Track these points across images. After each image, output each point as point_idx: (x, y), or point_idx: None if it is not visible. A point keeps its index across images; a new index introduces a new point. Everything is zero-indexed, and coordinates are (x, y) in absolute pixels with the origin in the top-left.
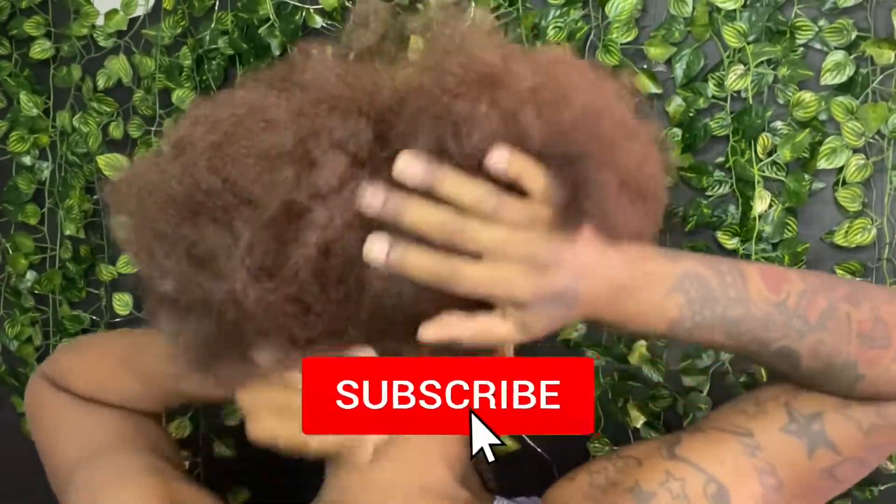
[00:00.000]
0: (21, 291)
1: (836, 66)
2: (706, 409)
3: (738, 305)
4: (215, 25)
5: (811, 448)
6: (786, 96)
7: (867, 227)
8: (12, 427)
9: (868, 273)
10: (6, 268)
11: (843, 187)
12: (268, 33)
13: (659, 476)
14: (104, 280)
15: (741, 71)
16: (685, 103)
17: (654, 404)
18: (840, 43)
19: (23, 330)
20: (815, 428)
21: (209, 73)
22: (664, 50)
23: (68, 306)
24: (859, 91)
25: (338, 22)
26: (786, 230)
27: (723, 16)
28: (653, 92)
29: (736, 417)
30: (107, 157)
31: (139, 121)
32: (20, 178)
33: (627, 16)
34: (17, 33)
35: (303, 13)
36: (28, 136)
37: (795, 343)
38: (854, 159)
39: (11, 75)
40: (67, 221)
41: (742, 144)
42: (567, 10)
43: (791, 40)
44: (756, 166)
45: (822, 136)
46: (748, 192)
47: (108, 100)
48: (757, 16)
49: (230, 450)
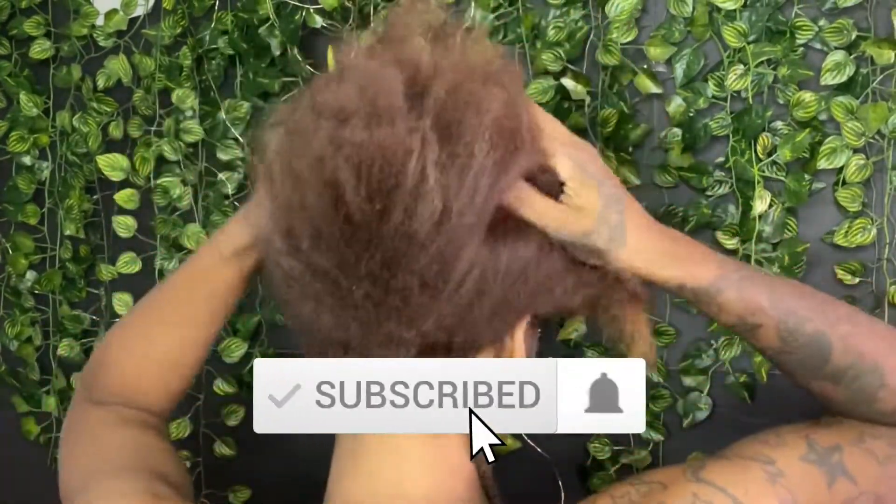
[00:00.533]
0: (21, 291)
1: (836, 66)
2: (706, 409)
3: (775, 278)
4: (215, 25)
5: (831, 479)
6: (786, 96)
7: (867, 227)
8: (12, 427)
9: (868, 273)
10: (6, 268)
11: (843, 187)
12: (268, 33)
13: (686, 498)
14: (104, 280)
15: (741, 71)
16: (685, 103)
17: (654, 404)
18: (840, 43)
19: (23, 330)
20: (834, 459)
21: (209, 73)
22: (664, 50)
23: (68, 306)
24: (859, 91)
25: (338, 22)
26: (786, 230)
27: (723, 16)
28: (653, 92)
29: (759, 447)
30: (107, 157)
31: (139, 121)
32: (20, 178)
33: (627, 16)
34: (17, 33)
35: (303, 13)
36: (28, 136)
37: (829, 329)
38: (854, 159)
39: (11, 75)
40: (67, 221)
41: (742, 144)
42: (567, 10)
43: (791, 40)
44: (756, 166)
45: (822, 136)
46: (748, 192)
47: (108, 100)
48: (757, 16)
49: (230, 450)
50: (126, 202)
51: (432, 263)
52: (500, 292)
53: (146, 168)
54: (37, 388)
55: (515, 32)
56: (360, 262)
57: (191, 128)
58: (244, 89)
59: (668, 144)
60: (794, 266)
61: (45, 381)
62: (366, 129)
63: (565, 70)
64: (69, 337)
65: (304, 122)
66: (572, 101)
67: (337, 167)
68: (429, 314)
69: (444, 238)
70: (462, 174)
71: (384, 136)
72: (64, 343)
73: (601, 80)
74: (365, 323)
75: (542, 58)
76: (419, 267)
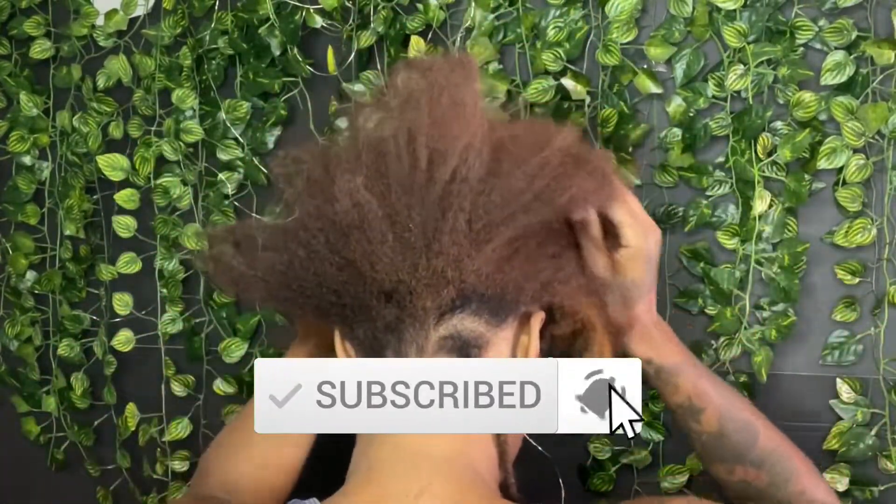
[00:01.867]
0: (21, 291)
1: (836, 66)
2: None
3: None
4: (215, 25)
5: None
6: (786, 96)
7: (867, 227)
8: (12, 427)
9: (868, 273)
10: (6, 268)
11: (843, 187)
12: (268, 33)
13: None
14: (104, 280)
15: (741, 71)
16: (685, 103)
17: (655, 404)
18: (840, 43)
19: (23, 330)
20: None
21: (209, 73)
22: (664, 50)
23: (68, 306)
24: (859, 91)
25: (338, 22)
26: (786, 230)
27: (723, 16)
28: (653, 92)
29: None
30: (107, 157)
31: (139, 121)
32: (20, 178)
33: (627, 16)
34: (17, 33)
35: (303, 13)
36: (28, 136)
37: (756, 418)
38: (854, 159)
39: (11, 75)
40: (67, 221)
41: (742, 144)
42: (567, 10)
43: (791, 40)
44: (756, 166)
45: (822, 136)
46: (748, 192)
47: (108, 100)
48: (757, 16)
49: None
50: (126, 202)
51: (478, 210)
52: (532, 260)
53: (146, 168)
54: (37, 388)
55: (515, 32)
56: (418, 203)
57: (191, 128)
58: (244, 89)
59: (668, 144)
60: (794, 266)
61: (45, 381)
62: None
63: (565, 70)
64: (69, 337)
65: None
66: (572, 101)
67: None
68: (472, 258)
69: (491, 190)
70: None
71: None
72: (64, 343)
73: (601, 80)
74: (418, 260)
75: (542, 58)
76: (465, 213)
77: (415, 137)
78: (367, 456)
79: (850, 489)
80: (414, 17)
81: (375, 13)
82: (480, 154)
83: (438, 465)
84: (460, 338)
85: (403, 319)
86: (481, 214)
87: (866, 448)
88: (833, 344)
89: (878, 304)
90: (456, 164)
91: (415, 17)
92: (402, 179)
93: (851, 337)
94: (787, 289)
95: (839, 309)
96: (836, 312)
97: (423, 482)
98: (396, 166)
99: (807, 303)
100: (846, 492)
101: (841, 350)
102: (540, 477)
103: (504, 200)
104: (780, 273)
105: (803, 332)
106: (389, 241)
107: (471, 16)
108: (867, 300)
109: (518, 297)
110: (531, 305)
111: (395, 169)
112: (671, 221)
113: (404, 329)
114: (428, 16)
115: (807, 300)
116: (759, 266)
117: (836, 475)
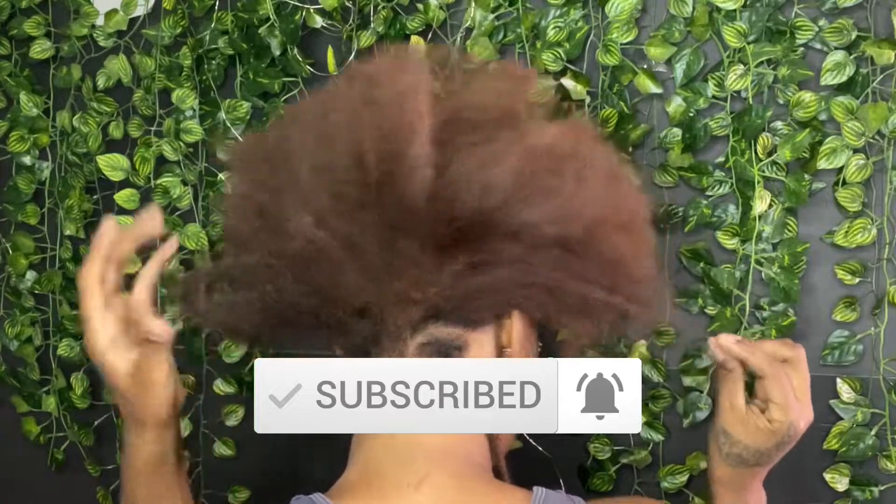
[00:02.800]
0: (21, 291)
1: (836, 66)
2: (706, 409)
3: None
4: (215, 25)
5: None
6: (786, 96)
7: (867, 227)
8: (12, 427)
9: (868, 273)
10: (6, 268)
11: (843, 187)
12: (268, 33)
13: None
14: None
15: (741, 71)
16: (685, 103)
17: (654, 404)
18: (840, 43)
19: (23, 330)
20: None
21: (209, 73)
22: (664, 50)
23: (68, 306)
24: (859, 91)
25: (338, 22)
26: (786, 230)
27: (723, 16)
28: (653, 92)
29: None
30: (107, 157)
31: (139, 121)
32: (20, 178)
33: (627, 16)
34: (17, 33)
35: (303, 13)
36: (28, 136)
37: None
38: (854, 159)
39: (11, 75)
40: (67, 221)
41: (742, 144)
42: (567, 10)
43: (791, 40)
44: (756, 166)
45: (822, 136)
46: (748, 192)
47: (108, 100)
48: (757, 16)
49: (230, 450)
50: (126, 202)
51: (432, 232)
52: (492, 279)
53: (146, 168)
54: (37, 388)
55: (515, 32)
56: (372, 226)
57: (191, 128)
58: (244, 89)
59: (668, 144)
60: (794, 266)
61: (45, 381)
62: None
63: (565, 70)
64: (69, 337)
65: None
66: (572, 101)
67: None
68: (433, 279)
69: (440, 209)
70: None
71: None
72: (64, 343)
73: (601, 80)
74: (381, 283)
75: (542, 58)
76: (420, 234)
77: (362, 158)
78: (365, 448)
79: (850, 489)
80: (414, 17)
81: (375, 13)
82: (427, 168)
83: (436, 456)
84: (439, 342)
85: (379, 333)
86: (436, 235)
87: (866, 448)
88: (833, 344)
89: (878, 304)
90: (405, 184)
91: (415, 17)
92: (352, 204)
93: (851, 337)
94: (787, 289)
95: (839, 309)
96: (836, 312)
97: (421, 472)
98: (345, 189)
99: (807, 303)
100: (846, 492)
101: (841, 350)
102: (540, 477)
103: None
104: (780, 273)
105: (803, 332)
106: (350, 267)
107: (471, 16)
108: (867, 300)
109: (487, 310)
110: (503, 313)
111: (345, 192)
112: (671, 221)
113: (382, 340)
114: (428, 16)
115: (807, 300)
116: (759, 266)
117: (836, 475)
